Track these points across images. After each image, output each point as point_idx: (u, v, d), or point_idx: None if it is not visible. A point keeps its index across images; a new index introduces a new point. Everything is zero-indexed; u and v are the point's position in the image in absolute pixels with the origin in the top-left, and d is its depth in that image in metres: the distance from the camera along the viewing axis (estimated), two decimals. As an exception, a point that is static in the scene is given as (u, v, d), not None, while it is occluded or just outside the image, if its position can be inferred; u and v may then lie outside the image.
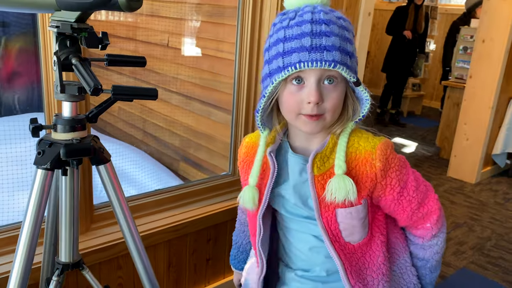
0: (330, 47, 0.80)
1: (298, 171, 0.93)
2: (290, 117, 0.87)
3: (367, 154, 0.89)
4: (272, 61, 0.83)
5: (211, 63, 2.61)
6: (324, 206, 0.90)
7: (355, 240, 0.93)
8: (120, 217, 0.92)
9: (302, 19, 0.81)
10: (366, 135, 0.92)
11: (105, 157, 0.89)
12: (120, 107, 3.63)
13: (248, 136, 1.04)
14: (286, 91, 0.84)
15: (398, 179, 0.91)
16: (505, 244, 2.65)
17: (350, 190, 0.85)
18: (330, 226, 0.90)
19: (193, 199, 1.80)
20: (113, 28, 3.54)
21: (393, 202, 0.92)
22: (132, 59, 0.93)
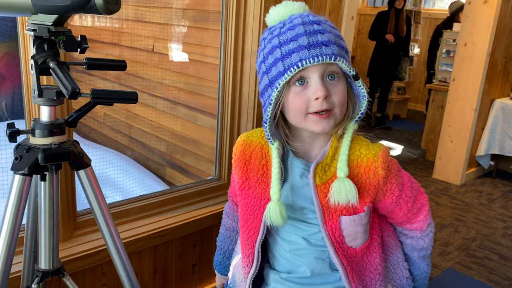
0: (327, 42, 0.82)
1: (298, 174, 0.94)
2: (298, 119, 0.86)
3: (369, 162, 0.91)
4: (271, 69, 0.83)
5: (196, 67, 2.60)
6: (328, 214, 0.91)
7: (357, 244, 0.95)
8: (101, 223, 0.90)
9: (292, 24, 0.83)
10: (366, 142, 0.94)
11: (85, 162, 0.88)
12: (105, 112, 3.59)
13: (244, 135, 1.03)
14: (292, 93, 0.84)
15: (397, 183, 0.94)
16: (489, 244, 2.68)
17: (350, 192, 0.86)
18: (334, 233, 0.92)
19: (178, 204, 1.79)
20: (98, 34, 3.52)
21: (392, 204, 0.96)
22: (112, 63, 0.92)
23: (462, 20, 3.57)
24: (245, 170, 0.99)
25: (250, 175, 0.98)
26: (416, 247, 1.04)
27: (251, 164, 0.98)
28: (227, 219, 1.21)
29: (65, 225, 1.42)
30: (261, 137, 0.99)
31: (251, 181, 0.98)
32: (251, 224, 0.99)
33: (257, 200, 0.97)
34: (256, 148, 0.98)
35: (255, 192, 0.97)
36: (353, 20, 2.10)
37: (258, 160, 0.98)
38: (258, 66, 0.89)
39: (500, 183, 3.81)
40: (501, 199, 3.44)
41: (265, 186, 0.96)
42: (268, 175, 0.95)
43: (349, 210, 0.91)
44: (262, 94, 0.89)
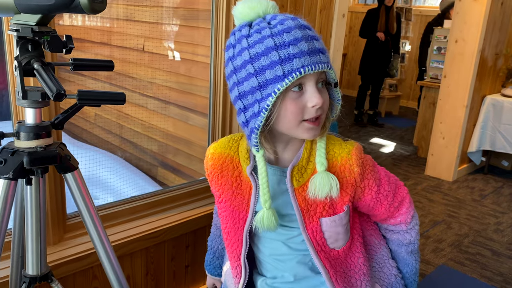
0: (322, 50, 0.81)
1: (275, 182, 0.92)
2: (290, 125, 0.83)
3: (344, 161, 0.90)
4: (265, 72, 0.79)
5: (187, 66, 2.58)
6: (308, 217, 0.90)
7: (339, 245, 0.94)
8: (90, 226, 0.88)
9: (285, 26, 0.79)
10: (338, 141, 0.94)
11: (72, 165, 0.86)
12: (96, 113, 3.56)
13: (212, 147, 0.99)
14: (288, 100, 0.81)
15: (374, 178, 0.94)
16: (482, 240, 2.69)
17: (333, 185, 0.86)
18: (316, 236, 0.91)
19: (170, 205, 1.77)
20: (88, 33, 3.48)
21: (372, 201, 0.95)
22: (99, 63, 0.90)
23: (452, 17, 3.58)
24: (219, 183, 0.97)
25: (225, 188, 0.96)
26: (403, 241, 1.04)
27: (224, 177, 0.96)
28: (217, 218, 1.19)
29: (55, 228, 1.40)
30: (229, 148, 0.96)
31: (227, 194, 0.96)
32: (233, 238, 0.98)
33: (236, 213, 0.95)
34: (227, 160, 0.96)
35: (233, 205, 0.96)
36: (344, 18, 2.09)
37: (230, 172, 0.95)
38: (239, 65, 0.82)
39: (492, 179, 3.83)
40: (493, 195, 3.46)
41: (241, 198, 0.94)
42: (243, 186, 0.94)
43: (329, 211, 0.91)
44: (243, 97, 0.82)
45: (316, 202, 0.90)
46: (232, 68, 0.84)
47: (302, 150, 0.91)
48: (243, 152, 0.94)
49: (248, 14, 0.84)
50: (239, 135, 0.99)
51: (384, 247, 1.06)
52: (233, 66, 0.84)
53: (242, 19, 0.85)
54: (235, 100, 0.85)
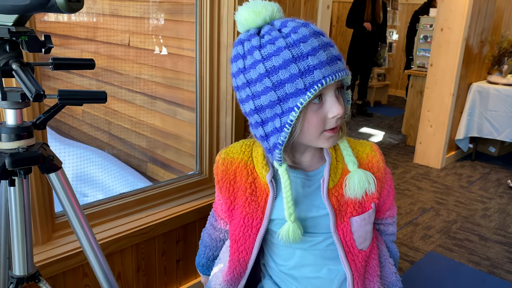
0: (339, 56, 0.79)
1: (300, 185, 0.90)
2: (312, 137, 0.82)
3: (370, 157, 0.91)
4: (285, 85, 0.75)
5: (173, 61, 2.57)
6: (339, 218, 0.89)
7: (366, 245, 0.94)
8: (76, 225, 0.89)
9: (300, 35, 0.76)
10: (355, 140, 0.94)
11: (55, 165, 0.86)
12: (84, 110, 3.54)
13: (223, 152, 0.96)
14: (310, 112, 0.79)
15: (389, 173, 0.96)
16: (469, 226, 2.74)
17: (371, 182, 0.86)
18: (345, 237, 0.90)
19: (160, 201, 1.78)
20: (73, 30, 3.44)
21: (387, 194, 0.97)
22: (80, 62, 0.89)
23: (438, 5, 3.60)
24: (231, 190, 0.94)
25: (238, 194, 0.93)
26: (387, 232, 1.07)
27: (237, 183, 0.93)
28: (212, 230, 1.14)
29: (43, 228, 1.40)
30: (242, 153, 0.93)
31: (239, 200, 0.93)
32: (242, 245, 0.95)
33: (248, 220, 0.92)
34: (240, 166, 0.93)
35: (245, 212, 0.92)
36: (329, 9, 2.09)
37: (244, 178, 0.92)
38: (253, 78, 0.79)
39: (479, 165, 3.88)
40: (480, 181, 3.51)
41: (255, 205, 0.91)
42: (257, 193, 0.91)
43: (358, 210, 0.90)
44: (261, 111, 0.79)
45: (347, 202, 0.89)
46: (245, 81, 0.80)
47: (328, 150, 0.90)
48: (259, 158, 0.91)
49: (254, 21, 0.80)
50: (251, 140, 0.96)
51: (384, 245, 1.06)
52: (246, 79, 0.80)
53: (248, 26, 0.82)
54: (251, 113, 0.82)
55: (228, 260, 1.01)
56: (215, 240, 1.14)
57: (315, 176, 0.91)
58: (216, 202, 1.08)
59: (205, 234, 1.17)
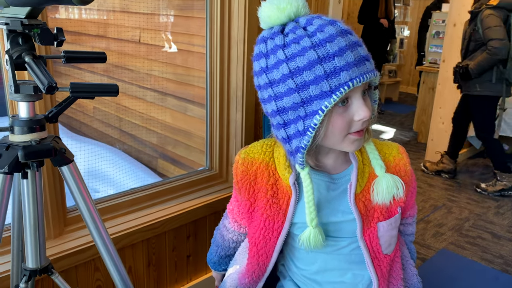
0: (367, 56, 0.75)
1: (324, 188, 0.87)
2: (336, 140, 0.78)
3: (397, 160, 0.88)
4: (309, 87, 0.72)
5: (184, 57, 2.57)
6: (366, 223, 0.86)
7: (391, 250, 0.91)
8: (88, 219, 0.89)
9: (326, 34, 0.72)
10: (381, 141, 0.91)
11: (67, 158, 0.86)
12: (95, 106, 3.56)
13: (243, 152, 0.93)
14: (335, 115, 0.75)
15: (414, 174, 0.93)
16: (482, 223, 2.70)
17: (399, 187, 0.82)
18: (372, 242, 0.88)
19: (170, 196, 1.78)
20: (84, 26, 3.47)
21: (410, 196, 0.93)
22: (91, 55, 0.89)
23: (451, 0, 3.55)
24: (251, 191, 0.91)
25: (258, 196, 0.90)
26: (406, 232, 1.04)
27: (257, 184, 0.90)
28: (225, 232, 1.10)
29: (55, 222, 1.41)
30: (263, 153, 0.90)
31: (260, 202, 0.90)
32: (262, 249, 0.92)
33: (269, 223, 0.89)
34: (261, 167, 0.90)
35: (266, 215, 0.89)
36: (340, 4, 2.07)
37: (265, 179, 0.89)
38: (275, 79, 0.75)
39: (492, 163, 3.83)
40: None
41: (277, 207, 0.88)
42: (279, 195, 0.88)
43: (385, 215, 0.87)
44: (283, 112, 0.76)
45: (374, 207, 0.87)
46: (267, 81, 0.77)
47: (353, 153, 0.87)
48: (281, 159, 0.88)
49: (278, 18, 0.76)
50: (272, 140, 0.92)
51: (405, 247, 1.04)
52: (268, 79, 0.77)
53: (271, 23, 0.78)
54: (273, 114, 0.79)
55: (245, 262, 0.98)
56: (228, 241, 1.11)
57: (340, 179, 0.88)
58: (232, 203, 1.05)
59: (217, 233, 1.15)
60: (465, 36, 3.06)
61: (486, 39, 2.84)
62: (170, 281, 1.76)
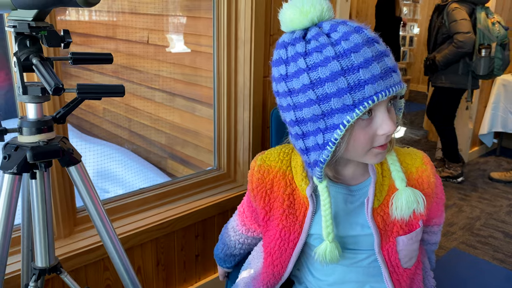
0: (394, 67, 0.70)
1: (342, 201, 0.84)
2: (358, 154, 0.75)
3: (420, 172, 0.83)
4: (331, 100, 0.67)
5: (192, 57, 2.58)
6: (385, 238, 0.83)
7: (411, 264, 0.88)
8: (95, 219, 0.90)
9: (352, 43, 0.67)
10: (405, 150, 0.87)
11: (75, 158, 0.87)
12: (104, 107, 3.59)
13: (259, 159, 0.90)
14: (357, 129, 0.71)
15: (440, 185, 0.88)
16: (494, 222, 2.67)
17: (420, 202, 0.77)
18: (390, 257, 0.84)
19: (179, 196, 1.79)
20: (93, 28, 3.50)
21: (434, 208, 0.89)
22: (98, 56, 0.90)
23: (460, -3, 3.50)
24: (267, 200, 0.88)
25: (274, 205, 0.87)
26: (430, 241, 1.00)
27: (274, 193, 0.87)
28: (233, 233, 1.08)
29: (65, 222, 1.43)
30: (280, 161, 0.87)
31: (276, 212, 0.87)
32: (278, 259, 0.90)
33: (285, 234, 0.87)
34: (278, 175, 0.86)
35: (282, 225, 0.86)
36: (348, 3, 2.06)
37: (282, 189, 0.86)
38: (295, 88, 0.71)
39: (504, 161, 3.78)
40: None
41: (293, 218, 0.85)
42: (296, 206, 0.85)
43: (405, 229, 0.83)
44: (303, 123, 0.73)
45: (393, 221, 0.83)
46: (287, 89, 0.73)
47: (373, 165, 0.83)
48: (298, 169, 0.85)
49: (301, 22, 0.71)
50: (289, 147, 0.89)
51: (425, 258, 1.01)
52: (288, 88, 0.72)
53: (293, 27, 0.73)
54: (291, 123, 0.75)
55: (260, 268, 0.96)
56: (234, 242, 1.10)
57: (359, 191, 0.85)
58: (243, 206, 1.02)
59: (225, 233, 1.13)
60: (433, 29, 3.11)
61: (452, 32, 2.86)
62: (179, 280, 1.77)
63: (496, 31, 2.83)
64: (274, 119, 1.73)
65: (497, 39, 2.83)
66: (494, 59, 2.86)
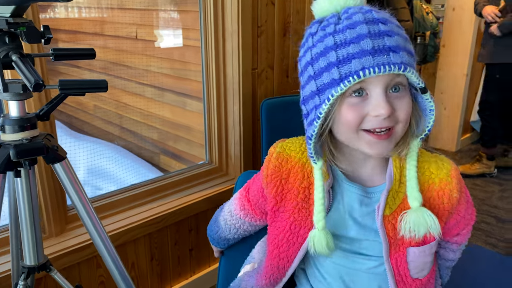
0: (395, 48, 0.66)
1: (357, 202, 0.80)
2: (348, 135, 0.72)
3: (443, 184, 0.78)
4: (322, 74, 0.68)
5: (180, 52, 2.57)
6: (394, 247, 0.79)
7: (423, 275, 0.83)
8: (83, 215, 0.89)
9: (352, 21, 0.67)
10: (433, 158, 0.81)
11: (60, 155, 0.86)
12: (95, 104, 3.57)
13: (279, 146, 0.86)
14: (345, 105, 0.69)
15: (465, 202, 0.82)
16: (486, 208, 2.69)
17: (432, 225, 0.74)
18: (399, 266, 0.80)
19: (171, 191, 1.79)
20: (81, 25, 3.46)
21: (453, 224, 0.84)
22: (80, 52, 0.89)
23: (449, -16, 3.51)
24: (280, 189, 0.84)
25: (287, 196, 0.84)
26: (446, 257, 0.94)
27: (289, 184, 0.84)
28: (229, 217, 1.04)
29: (56, 220, 1.42)
30: (301, 152, 0.84)
31: (288, 204, 0.84)
32: (284, 252, 0.86)
33: (295, 228, 0.83)
34: (296, 166, 0.83)
35: (293, 218, 0.83)
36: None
37: (298, 181, 0.83)
38: (303, 67, 0.73)
39: (496, 147, 3.80)
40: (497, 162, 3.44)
41: (306, 213, 0.82)
42: (311, 201, 0.81)
43: (418, 241, 0.78)
44: (306, 102, 0.73)
45: None
46: (300, 70, 0.75)
47: (391, 169, 0.78)
48: None
49: (327, 9, 0.72)
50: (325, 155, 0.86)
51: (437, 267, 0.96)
52: (300, 68, 0.74)
53: (320, 15, 0.74)
54: (300, 105, 0.76)
55: (264, 264, 0.94)
56: (230, 227, 1.06)
57: (375, 195, 0.81)
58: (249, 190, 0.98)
59: (219, 216, 1.08)
60: None
61: None
62: (173, 275, 1.77)
63: (429, 20, 2.93)
64: (264, 111, 1.73)
65: (430, 28, 2.95)
66: (427, 46, 2.98)
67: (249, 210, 0.98)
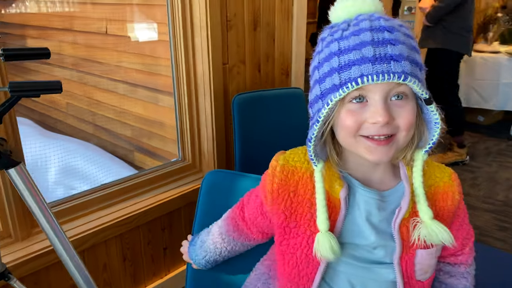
0: (397, 57, 0.66)
1: (375, 207, 0.78)
2: (348, 141, 0.73)
3: (447, 187, 0.80)
4: (325, 80, 0.69)
5: (151, 46, 2.52)
6: (406, 249, 0.79)
7: (426, 277, 0.83)
8: (42, 222, 0.86)
9: (358, 27, 0.68)
10: (435, 163, 0.83)
11: (13, 160, 0.83)
12: (68, 102, 3.49)
13: (282, 158, 0.82)
14: (344, 111, 0.70)
15: (463, 208, 0.86)
16: (459, 196, 2.75)
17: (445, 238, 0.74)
18: (407, 268, 0.80)
19: (143, 190, 1.76)
20: (48, 20, 3.36)
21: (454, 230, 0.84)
22: (33, 51, 0.86)
23: (420, -25, 3.53)
24: (289, 203, 0.80)
25: (298, 210, 0.80)
26: (458, 286, 0.91)
27: (298, 197, 0.80)
28: (220, 240, 0.98)
29: (22, 224, 1.38)
30: (306, 161, 0.81)
31: (301, 218, 0.80)
32: (303, 271, 0.81)
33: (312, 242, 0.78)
34: (304, 177, 0.80)
35: (309, 232, 0.79)
36: (305, -16, 2.04)
37: (309, 192, 0.79)
38: (311, 71, 0.75)
39: (468, 135, 3.87)
40: (469, 150, 3.51)
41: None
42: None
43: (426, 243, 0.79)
44: (312, 105, 0.74)
45: None
46: (311, 74, 0.76)
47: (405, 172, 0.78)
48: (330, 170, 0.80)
49: (341, 16, 0.73)
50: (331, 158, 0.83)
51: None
52: (311, 72, 0.76)
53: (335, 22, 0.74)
54: (308, 108, 0.77)
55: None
56: (220, 249, 0.99)
57: (390, 197, 0.79)
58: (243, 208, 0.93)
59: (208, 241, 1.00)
60: None
61: None
62: (147, 274, 1.75)
63: None
64: (236, 106, 1.71)
65: None
66: None
67: (244, 229, 0.94)
